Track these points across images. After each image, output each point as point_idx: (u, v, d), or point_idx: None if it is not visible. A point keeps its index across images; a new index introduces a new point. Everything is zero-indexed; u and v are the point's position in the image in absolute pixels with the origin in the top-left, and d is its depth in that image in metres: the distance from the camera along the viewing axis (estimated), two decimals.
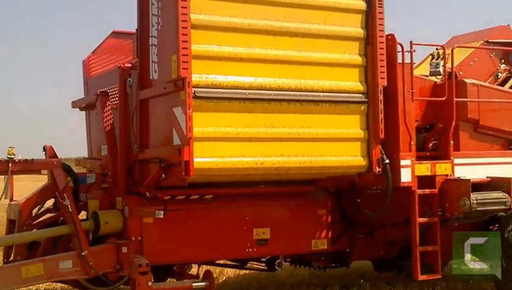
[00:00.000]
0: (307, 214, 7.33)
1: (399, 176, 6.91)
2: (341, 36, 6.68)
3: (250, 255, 7.18)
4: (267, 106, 6.29)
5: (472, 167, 7.40)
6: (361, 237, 7.93)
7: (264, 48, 6.30)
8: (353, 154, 6.73)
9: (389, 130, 6.86)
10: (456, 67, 8.83)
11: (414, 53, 7.11)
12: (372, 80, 6.74)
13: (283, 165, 6.37)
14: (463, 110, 7.69)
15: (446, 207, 7.09)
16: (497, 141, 7.96)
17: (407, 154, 6.98)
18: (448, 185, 7.11)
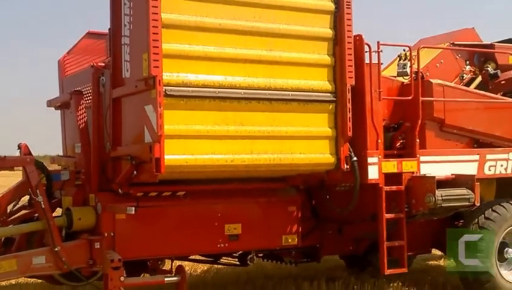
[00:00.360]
0: (277, 211, 7.23)
1: (367, 173, 6.82)
2: (309, 36, 6.56)
3: (221, 250, 7.06)
4: (237, 104, 6.16)
5: (438, 164, 7.33)
6: (330, 233, 7.85)
7: (234, 47, 6.17)
8: (322, 152, 6.61)
9: (357, 128, 6.76)
10: (423, 68, 8.83)
11: (382, 54, 6.96)
12: (340, 80, 6.64)
13: (253, 162, 6.24)
14: (429, 110, 7.62)
15: (413, 203, 7.00)
16: (462, 140, 7.89)
17: (374, 152, 6.89)
18: (414, 182, 7.03)
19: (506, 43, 9.88)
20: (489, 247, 7.50)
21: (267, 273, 9.11)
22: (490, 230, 7.51)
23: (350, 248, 8.17)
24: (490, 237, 7.49)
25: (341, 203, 7.29)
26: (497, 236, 7.58)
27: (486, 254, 7.47)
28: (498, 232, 7.59)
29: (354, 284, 8.22)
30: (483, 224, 7.54)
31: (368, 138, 6.86)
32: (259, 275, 9.13)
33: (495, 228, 7.54)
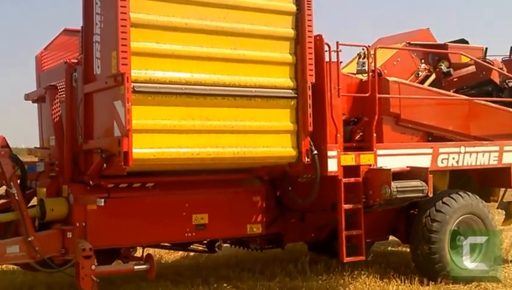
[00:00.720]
0: (242, 201, 7.31)
1: (326, 166, 6.89)
2: (272, 36, 6.63)
3: (189, 239, 7.13)
4: (203, 100, 6.21)
5: (394, 157, 7.45)
6: (293, 221, 7.95)
7: (200, 46, 6.22)
8: (284, 146, 6.69)
9: (317, 123, 6.85)
10: (381, 66, 8.97)
11: (344, 52, 7.07)
12: (301, 77, 6.73)
13: (218, 155, 6.30)
14: (386, 106, 7.74)
15: (370, 194, 7.11)
16: (416, 134, 8.02)
17: (334, 146, 6.98)
18: (371, 174, 7.13)
19: (458, 43, 10.05)
20: (442, 235, 7.63)
21: (255, 256, 9.20)
22: (441, 221, 7.64)
23: (312, 235, 8.29)
24: (442, 225, 7.62)
25: (303, 194, 7.39)
26: (449, 225, 7.71)
27: (439, 241, 7.60)
28: (450, 221, 7.72)
29: (335, 267, 8.36)
30: (436, 214, 7.68)
31: (328, 132, 6.95)
32: (247, 258, 9.26)
33: (447, 217, 7.68)
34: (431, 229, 7.61)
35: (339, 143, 7.09)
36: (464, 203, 7.87)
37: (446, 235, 7.68)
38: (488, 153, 8.11)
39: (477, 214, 8.02)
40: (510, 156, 8.28)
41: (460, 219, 7.90)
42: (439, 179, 8.67)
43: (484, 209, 8.09)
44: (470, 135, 8.35)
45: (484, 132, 8.45)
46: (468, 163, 7.96)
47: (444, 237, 7.66)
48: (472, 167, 8.02)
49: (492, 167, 8.20)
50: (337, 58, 7.05)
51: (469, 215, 7.97)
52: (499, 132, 8.57)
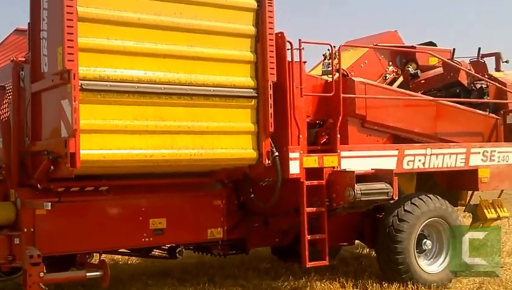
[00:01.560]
0: (203, 205, 6.90)
1: (288, 168, 6.48)
2: (231, 33, 6.22)
3: (146, 244, 6.67)
4: (157, 99, 5.77)
5: (359, 159, 7.07)
6: (256, 226, 7.52)
7: (154, 42, 5.78)
8: (244, 147, 6.27)
9: (279, 124, 6.45)
10: (348, 68, 8.65)
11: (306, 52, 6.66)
12: (262, 76, 6.31)
13: (173, 157, 5.86)
14: (351, 107, 7.38)
15: (333, 197, 6.71)
16: (383, 136, 7.65)
17: (296, 148, 6.57)
18: (334, 176, 6.74)
19: (426, 45, 9.75)
20: (408, 239, 7.27)
21: (260, 255, 8.95)
22: (408, 222, 7.29)
23: (276, 240, 7.88)
24: (408, 227, 7.27)
25: (265, 197, 6.97)
26: (415, 227, 7.35)
27: (404, 245, 7.24)
28: (417, 224, 7.37)
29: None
30: (402, 217, 7.31)
31: (290, 133, 6.54)
32: (253, 257, 8.92)
33: (414, 220, 7.32)
34: (398, 228, 7.25)
35: (301, 145, 6.70)
36: (432, 206, 7.52)
37: (412, 238, 7.32)
38: (454, 155, 7.77)
39: (445, 218, 7.67)
40: (477, 158, 7.95)
41: (427, 222, 7.54)
42: (406, 182, 8.33)
43: (452, 213, 7.74)
44: (437, 137, 8.02)
45: (451, 133, 8.12)
46: (434, 165, 7.61)
47: (410, 239, 7.30)
48: (438, 169, 7.67)
49: (459, 169, 7.85)
50: (299, 57, 6.65)
51: (436, 218, 7.62)
52: (466, 134, 8.25)
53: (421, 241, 7.58)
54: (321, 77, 7.79)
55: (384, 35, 9.75)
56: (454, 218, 7.74)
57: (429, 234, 7.73)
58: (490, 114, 8.48)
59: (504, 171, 8.17)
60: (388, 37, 9.72)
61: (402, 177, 8.13)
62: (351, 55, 9.37)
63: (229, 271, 8.27)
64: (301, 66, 6.69)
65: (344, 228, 7.95)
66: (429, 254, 7.75)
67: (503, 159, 8.15)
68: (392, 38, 9.73)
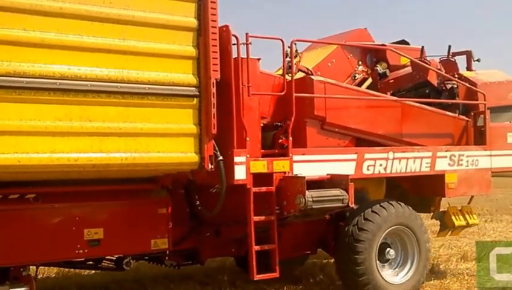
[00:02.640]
0: (145, 213, 6.20)
1: (233, 174, 5.79)
2: (170, 25, 5.52)
3: (81, 256, 5.97)
4: (83, 97, 5.07)
5: (314, 164, 6.41)
6: (208, 236, 6.82)
7: (79, 34, 5.07)
8: (184, 151, 5.58)
9: (223, 125, 5.75)
10: (314, 67, 8.05)
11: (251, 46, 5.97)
12: (204, 73, 5.62)
13: (102, 162, 5.16)
14: (310, 108, 6.74)
15: (284, 205, 6.06)
16: (344, 138, 7.02)
17: (242, 151, 5.91)
18: (285, 182, 6.08)
19: (399, 44, 9.11)
20: (368, 249, 6.62)
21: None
22: (369, 231, 6.64)
23: (232, 250, 7.19)
24: (369, 236, 6.62)
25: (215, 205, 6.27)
26: (376, 236, 6.70)
27: (365, 256, 6.59)
28: (378, 233, 6.71)
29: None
30: (362, 225, 6.66)
31: (235, 135, 5.87)
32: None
33: (375, 229, 6.67)
34: (357, 239, 6.63)
35: (252, 148, 6.03)
36: (394, 213, 6.88)
37: (373, 247, 6.70)
38: (419, 159, 7.12)
39: (409, 226, 7.03)
40: (444, 162, 7.31)
41: (390, 231, 6.90)
42: (375, 188, 7.72)
43: (416, 220, 7.09)
44: (403, 140, 7.37)
45: (418, 136, 7.50)
46: (397, 170, 6.95)
47: (371, 249, 6.67)
48: (402, 174, 7.01)
49: (425, 174, 7.20)
50: (247, 52, 5.98)
51: (400, 226, 6.98)
52: (435, 137, 7.62)
53: (384, 251, 6.94)
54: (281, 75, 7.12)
55: (352, 33, 9.12)
56: (419, 226, 7.09)
57: (393, 242, 7.10)
58: (460, 116, 7.84)
59: (473, 176, 7.54)
60: (357, 35, 9.08)
61: (370, 183, 7.54)
62: (319, 53, 8.73)
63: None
64: (249, 62, 6.01)
65: (306, 236, 7.30)
66: (393, 263, 7.14)
67: (472, 164, 7.52)
68: (361, 36, 9.09)
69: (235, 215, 6.36)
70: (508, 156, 7.84)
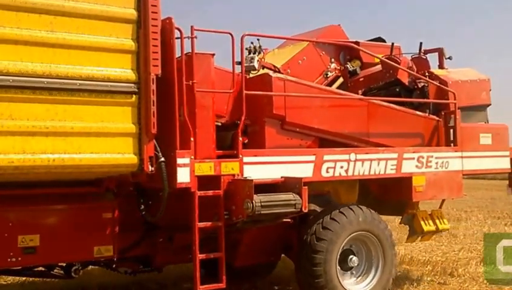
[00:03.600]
0: (88, 219, 5.69)
1: (176, 176, 5.27)
2: (105, 16, 5.02)
3: (14, 265, 5.45)
4: (4, 94, 4.56)
5: (267, 166, 5.87)
6: (161, 242, 6.29)
7: (2, 25, 4.55)
8: (121, 152, 5.08)
9: (166, 124, 5.24)
10: (284, 65, 7.55)
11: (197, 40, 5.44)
12: (144, 68, 5.09)
13: (26, 163, 4.65)
14: (268, 106, 6.21)
15: (233, 210, 5.53)
16: (306, 139, 6.49)
17: (186, 152, 5.37)
18: (233, 186, 5.55)
19: (375, 41, 8.60)
20: (328, 255, 6.10)
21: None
22: (327, 240, 6.12)
23: (188, 256, 6.63)
24: (328, 246, 6.10)
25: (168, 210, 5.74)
26: (337, 244, 6.18)
27: (324, 263, 6.08)
28: (338, 241, 6.20)
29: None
30: (320, 235, 6.15)
31: (178, 135, 5.34)
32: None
33: (334, 237, 6.15)
34: (315, 249, 6.09)
35: (199, 149, 5.51)
36: (356, 219, 6.36)
37: (333, 256, 6.18)
38: (384, 160, 6.59)
39: (372, 231, 6.51)
40: (411, 164, 6.78)
41: (352, 237, 6.38)
42: (346, 191, 7.21)
43: (380, 225, 6.57)
44: (370, 141, 6.85)
45: (385, 136, 6.97)
46: (360, 172, 6.42)
47: (331, 257, 6.15)
48: (365, 176, 6.49)
49: (390, 176, 6.67)
50: (192, 46, 5.46)
51: (363, 232, 6.46)
52: (403, 137, 7.10)
53: (347, 258, 6.44)
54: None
55: (325, 30, 8.61)
56: (384, 231, 6.57)
57: (357, 249, 6.58)
58: (430, 116, 7.31)
59: (443, 179, 7.01)
60: (330, 32, 8.56)
61: (341, 185, 7.04)
62: (290, 51, 8.23)
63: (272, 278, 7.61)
64: (195, 58, 5.50)
65: (269, 241, 6.78)
66: (357, 271, 6.60)
67: (441, 166, 6.99)
68: (334, 33, 8.58)
69: (186, 221, 5.83)
70: (480, 157, 7.30)
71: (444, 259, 9.39)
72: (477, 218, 15.08)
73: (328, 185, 7.05)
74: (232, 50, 5.68)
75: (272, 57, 8.25)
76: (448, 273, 8.29)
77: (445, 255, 9.80)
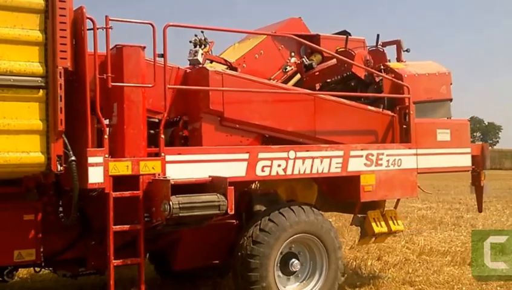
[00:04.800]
0: (6, 221, 5.24)
1: (87, 176, 4.81)
2: (8, 6, 4.58)
3: None
4: None
5: (195, 164, 5.40)
6: (94, 245, 5.83)
7: None
8: (27, 150, 4.64)
9: (77, 121, 4.79)
10: (239, 59, 7.11)
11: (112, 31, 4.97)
12: (52, 61, 4.63)
13: None
14: (205, 101, 5.74)
15: (153, 212, 5.06)
16: (248, 135, 6.01)
17: (98, 151, 4.90)
18: (153, 186, 5.07)
19: (340, 34, 8.09)
20: (265, 259, 5.63)
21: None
22: (264, 243, 5.65)
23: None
24: (265, 250, 5.63)
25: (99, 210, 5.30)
26: (274, 249, 5.72)
27: (261, 268, 5.61)
28: (276, 244, 5.73)
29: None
30: (257, 237, 5.69)
31: (90, 133, 4.88)
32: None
33: (271, 240, 5.68)
34: (251, 253, 5.63)
35: (106, 147, 5.00)
36: (296, 220, 5.88)
37: (271, 260, 5.71)
38: (328, 159, 6.09)
39: (315, 234, 6.03)
40: (359, 162, 6.28)
41: (293, 239, 5.91)
42: (304, 190, 6.74)
43: (324, 226, 6.09)
44: (317, 138, 6.36)
45: (335, 133, 6.48)
46: (301, 171, 5.93)
47: (268, 261, 5.69)
48: (306, 175, 6.00)
49: (335, 175, 6.18)
50: (106, 38, 4.98)
51: (305, 234, 5.98)
52: (355, 134, 6.60)
53: (288, 261, 5.96)
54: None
55: (286, 23, 8.10)
56: (328, 233, 6.09)
57: (300, 252, 6.11)
58: (384, 111, 6.80)
59: (395, 178, 6.49)
60: (290, 25, 8.06)
61: (298, 184, 6.58)
62: (248, 44, 7.76)
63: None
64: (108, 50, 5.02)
65: (211, 244, 6.32)
66: (301, 275, 6.13)
67: (393, 164, 6.47)
68: (295, 26, 8.08)
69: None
70: (437, 155, 6.78)
71: (463, 249, 9.31)
72: (496, 208, 15.11)
73: (284, 184, 6.60)
74: (154, 41, 5.19)
75: (232, 51, 7.81)
76: (468, 263, 8.23)
77: (464, 245, 9.75)
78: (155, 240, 6.05)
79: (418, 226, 11.83)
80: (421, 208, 15.45)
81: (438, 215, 13.87)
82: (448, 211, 14.78)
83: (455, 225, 12.36)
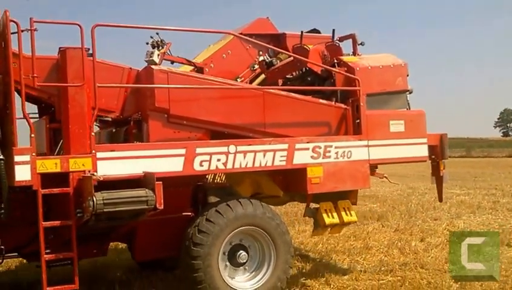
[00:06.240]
0: None
1: (14, 174, 4.72)
2: None
3: None
4: None
5: (128, 161, 5.24)
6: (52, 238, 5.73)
7: None
8: None
9: (4, 121, 4.69)
10: (207, 59, 7.01)
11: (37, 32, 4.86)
12: None
13: None
14: (151, 99, 5.62)
15: (84, 208, 4.92)
16: (196, 131, 5.86)
17: (25, 149, 4.79)
18: (82, 183, 4.94)
19: (311, 33, 7.88)
20: (209, 249, 5.47)
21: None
22: (209, 233, 5.48)
23: (94, 251, 6.19)
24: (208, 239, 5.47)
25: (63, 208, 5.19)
26: (219, 239, 5.54)
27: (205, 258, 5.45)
28: (221, 235, 5.56)
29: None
30: (203, 227, 5.53)
31: (15, 132, 4.78)
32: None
33: (216, 231, 5.52)
34: (195, 241, 5.50)
35: (33, 145, 4.88)
36: (243, 213, 5.69)
37: (215, 250, 5.57)
38: (271, 152, 5.87)
39: (262, 227, 5.83)
40: (305, 154, 6.04)
41: (239, 231, 5.74)
42: (268, 183, 6.53)
43: (272, 220, 5.88)
44: (267, 132, 6.15)
45: (285, 127, 6.25)
46: (242, 165, 5.73)
47: (213, 251, 5.53)
48: (249, 169, 5.79)
49: (280, 168, 5.95)
50: (31, 40, 4.87)
51: (251, 227, 5.79)
52: (306, 127, 6.36)
53: (236, 253, 5.79)
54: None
55: (253, 23, 7.98)
56: (274, 226, 5.87)
57: (250, 244, 5.92)
58: (336, 104, 6.54)
59: (345, 170, 6.22)
60: (258, 25, 7.95)
61: (262, 177, 6.39)
62: (218, 45, 7.64)
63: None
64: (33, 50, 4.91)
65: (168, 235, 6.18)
66: (250, 267, 5.93)
67: (343, 155, 6.21)
68: (262, 26, 7.96)
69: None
70: (389, 146, 6.48)
71: (501, 231, 9.28)
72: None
73: (249, 177, 6.41)
74: (82, 42, 5.06)
75: (206, 52, 7.70)
76: (505, 243, 8.42)
77: (501, 227, 9.92)
78: (108, 233, 5.98)
79: (457, 210, 12.08)
80: (459, 193, 15.49)
81: (476, 201, 13.90)
82: (485, 197, 14.79)
83: (492, 209, 12.46)
